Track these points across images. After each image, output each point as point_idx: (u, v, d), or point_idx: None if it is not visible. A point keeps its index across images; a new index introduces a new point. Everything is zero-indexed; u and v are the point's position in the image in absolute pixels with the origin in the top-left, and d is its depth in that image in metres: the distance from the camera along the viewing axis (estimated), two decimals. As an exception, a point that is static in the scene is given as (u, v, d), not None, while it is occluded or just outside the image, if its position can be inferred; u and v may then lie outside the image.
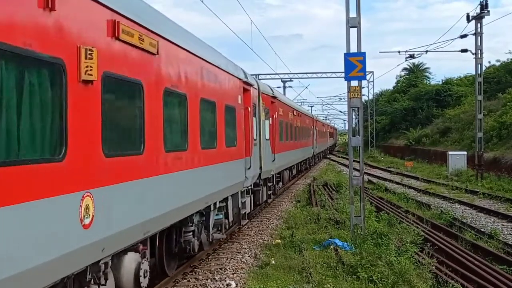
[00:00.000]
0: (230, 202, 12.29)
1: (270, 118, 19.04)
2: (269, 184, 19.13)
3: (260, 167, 16.16)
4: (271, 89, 20.31)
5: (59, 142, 5.01)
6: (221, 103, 11.01)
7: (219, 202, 11.18)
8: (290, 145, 25.14)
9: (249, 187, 14.83)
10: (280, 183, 23.33)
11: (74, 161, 5.19)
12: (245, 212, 14.17)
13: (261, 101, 16.77)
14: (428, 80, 74.89)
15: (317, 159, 48.47)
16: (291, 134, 25.97)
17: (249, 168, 13.84)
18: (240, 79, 13.23)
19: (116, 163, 6.09)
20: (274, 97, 20.14)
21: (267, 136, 18.18)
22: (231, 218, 12.49)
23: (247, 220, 14.99)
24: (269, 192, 19.46)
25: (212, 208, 10.62)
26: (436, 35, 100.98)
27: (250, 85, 14.62)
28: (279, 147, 20.93)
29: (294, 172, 30.88)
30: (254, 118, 15.22)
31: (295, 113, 27.82)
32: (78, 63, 5.24)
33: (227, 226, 12.48)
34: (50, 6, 4.76)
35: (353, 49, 12.45)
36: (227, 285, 9.53)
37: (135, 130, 6.70)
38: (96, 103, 5.63)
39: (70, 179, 5.11)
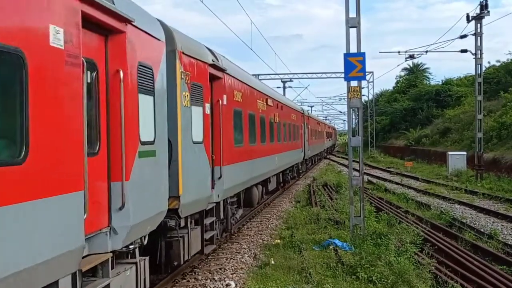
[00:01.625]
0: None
1: (208, 104, 10.35)
2: (208, 222, 10.71)
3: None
4: (213, 54, 11.30)
5: None
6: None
7: None
8: (259, 149, 16.47)
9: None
10: (241, 210, 14.61)
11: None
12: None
13: (178, 67, 8.76)
14: (428, 81, 74.92)
15: (310, 164, 41.33)
16: (263, 132, 17.35)
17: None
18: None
19: None
20: (220, 69, 11.30)
21: (198, 136, 9.69)
22: None
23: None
24: (208, 237, 10.61)
25: None
26: (436, 35, 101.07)
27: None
28: (234, 154, 12.66)
29: (274, 185, 21.08)
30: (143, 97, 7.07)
31: (269, 102, 18.70)
32: None
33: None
34: None
35: (353, 49, 12.46)
36: (227, 285, 9.53)
37: None
38: None
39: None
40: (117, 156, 6.15)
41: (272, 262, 10.85)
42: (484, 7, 28.32)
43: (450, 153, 34.55)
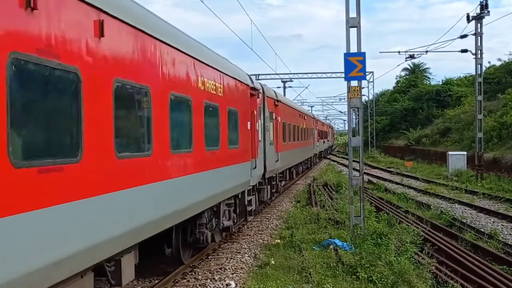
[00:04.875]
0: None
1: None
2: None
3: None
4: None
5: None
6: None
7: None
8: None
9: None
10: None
11: None
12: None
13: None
14: (428, 80, 74.92)
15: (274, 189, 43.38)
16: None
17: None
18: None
19: None
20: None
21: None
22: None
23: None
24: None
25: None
26: (436, 35, 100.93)
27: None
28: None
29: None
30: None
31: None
32: None
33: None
34: None
35: (353, 49, 12.45)
36: (227, 285, 9.53)
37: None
38: None
39: None
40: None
41: (272, 262, 10.85)
42: (484, 7, 28.33)
43: (450, 153, 34.55)
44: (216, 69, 10.72)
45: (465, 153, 34.02)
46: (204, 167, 9.61)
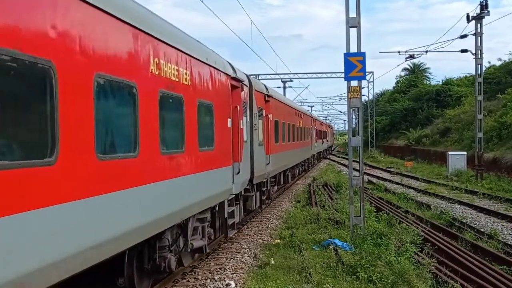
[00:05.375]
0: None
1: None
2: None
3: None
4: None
5: None
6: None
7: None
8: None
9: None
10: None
11: None
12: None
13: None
14: (428, 81, 74.94)
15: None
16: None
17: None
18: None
19: None
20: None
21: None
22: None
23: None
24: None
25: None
26: (436, 35, 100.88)
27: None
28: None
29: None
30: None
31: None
32: None
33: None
34: None
35: (353, 49, 12.45)
36: (227, 285, 9.52)
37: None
38: None
39: None
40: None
41: (272, 262, 10.85)
42: (484, 7, 28.33)
43: (450, 153, 34.56)
44: (181, 51, 8.36)
45: (465, 153, 34.02)
46: (161, 176, 7.52)
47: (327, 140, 64.54)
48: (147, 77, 7.09)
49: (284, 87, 56.29)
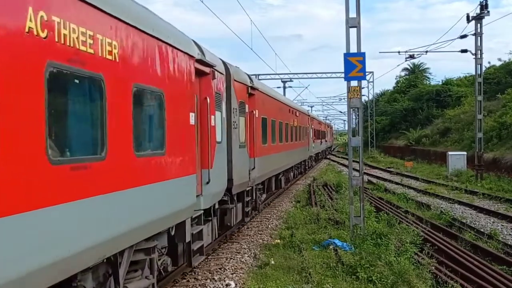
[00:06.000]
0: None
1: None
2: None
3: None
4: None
5: None
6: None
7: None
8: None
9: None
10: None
11: None
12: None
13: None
14: (428, 81, 74.95)
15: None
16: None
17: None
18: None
19: None
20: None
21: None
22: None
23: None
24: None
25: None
26: (436, 36, 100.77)
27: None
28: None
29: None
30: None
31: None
32: None
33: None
34: None
35: (353, 49, 12.45)
36: (227, 285, 9.52)
37: None
38: None
39: None
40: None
41: (272, 262, 10.85)
42: (484, 7, 28.34)
43: (450, 153, 34.57)
44: (101, 10, 5.63)
45: (465, 153, 34.03)
46: (66, 197, 4.97)
47: (326, 141, 62.31)
48: (29, 43, 4.46)
49: (284, 87, 56.40)
